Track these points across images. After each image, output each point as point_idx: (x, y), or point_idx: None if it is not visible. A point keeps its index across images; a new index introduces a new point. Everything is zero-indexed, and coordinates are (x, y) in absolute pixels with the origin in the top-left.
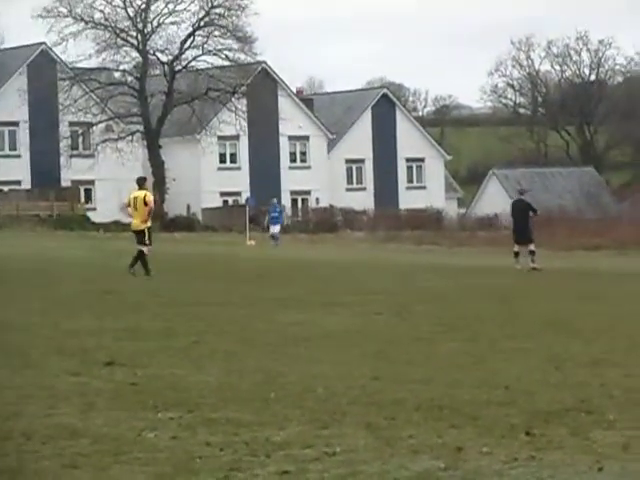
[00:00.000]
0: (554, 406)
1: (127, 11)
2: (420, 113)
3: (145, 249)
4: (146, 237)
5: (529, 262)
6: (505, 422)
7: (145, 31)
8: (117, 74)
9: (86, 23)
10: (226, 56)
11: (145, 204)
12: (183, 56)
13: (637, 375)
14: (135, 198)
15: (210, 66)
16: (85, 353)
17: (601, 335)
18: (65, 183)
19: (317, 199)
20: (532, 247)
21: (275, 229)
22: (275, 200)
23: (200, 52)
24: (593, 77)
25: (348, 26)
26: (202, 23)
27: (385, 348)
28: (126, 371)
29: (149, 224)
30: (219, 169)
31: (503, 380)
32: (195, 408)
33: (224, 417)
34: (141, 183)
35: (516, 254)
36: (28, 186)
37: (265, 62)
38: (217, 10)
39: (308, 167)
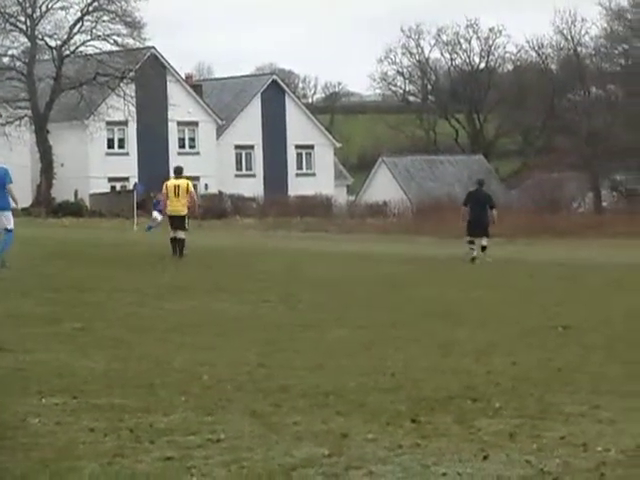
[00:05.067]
0: (440, 393)
1: None
2: (310, 100)
3: (183, 234)
4: (186, 222)
5: (484, 257)
6: (391, 409)
7: (34, 16)
8: (5, 59)
9: None
10: (115, 41)
11: (187, 192)
12: (72, 41)
13: (523, 363)
14: (177, 186)
15: (99, 51)
16: None
17: (488, 323)
18: None
19: (206, 185)
20: (485, 242)
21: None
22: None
23: (89, 37)
24: (483, 65)
25: (237, 12)
26: (91, 8)
27: (272, 335)
28: (11, 357)
29: (187, 211)
30: (107, 154)
31: (390, 367)
32: (80, 394)
33: (109, 403)
34: (179, 172)
35: (471, 242)
36: None
37: (154, 47)
38: None
39: (197, 153)
